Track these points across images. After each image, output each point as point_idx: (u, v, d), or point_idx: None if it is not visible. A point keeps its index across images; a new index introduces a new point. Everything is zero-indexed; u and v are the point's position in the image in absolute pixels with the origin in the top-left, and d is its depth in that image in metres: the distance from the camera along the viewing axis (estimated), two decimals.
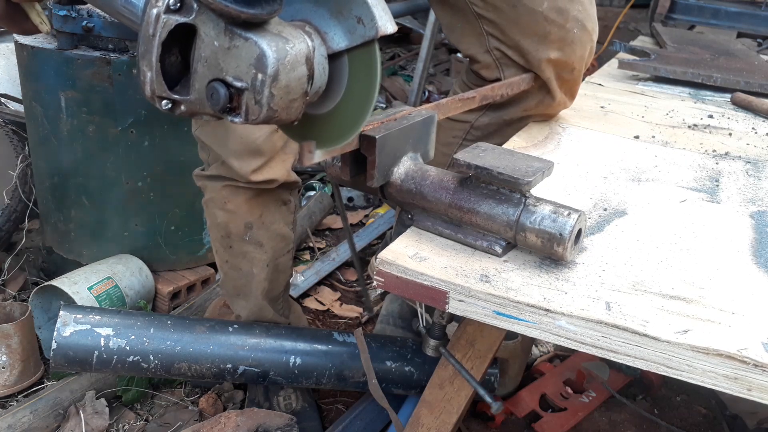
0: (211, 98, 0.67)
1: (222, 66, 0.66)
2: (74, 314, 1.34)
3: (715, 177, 1.20)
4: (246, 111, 0.66)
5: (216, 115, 0.69)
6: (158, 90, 0.67)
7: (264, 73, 0.64)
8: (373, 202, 2.77)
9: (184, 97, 0.68)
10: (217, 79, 0.66)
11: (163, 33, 0.64)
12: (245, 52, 0.64)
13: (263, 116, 0.66)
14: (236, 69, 0.65)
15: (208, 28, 0.65)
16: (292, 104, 0.68)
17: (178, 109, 0.69)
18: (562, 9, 1.19)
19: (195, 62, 0.67)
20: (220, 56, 0.65)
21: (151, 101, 0.68)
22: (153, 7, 0.63)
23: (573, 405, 1.63)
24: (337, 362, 1.43)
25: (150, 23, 0.64)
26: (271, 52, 0.64)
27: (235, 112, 0.67)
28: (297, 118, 0.70)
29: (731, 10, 2.98)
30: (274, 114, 0.66)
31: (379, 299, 2.10)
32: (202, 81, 0.67)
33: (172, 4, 0.63)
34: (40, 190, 1.99)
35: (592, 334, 0.73)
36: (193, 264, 2.03)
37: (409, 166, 0.88)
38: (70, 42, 1.72)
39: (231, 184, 1.38)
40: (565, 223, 0.77)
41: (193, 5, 0.64)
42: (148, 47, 0.64)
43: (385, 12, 0.69)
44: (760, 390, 0.67)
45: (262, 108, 0.65)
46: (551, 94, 1.28)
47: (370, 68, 0.72)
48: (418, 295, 0.81)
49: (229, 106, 0.66)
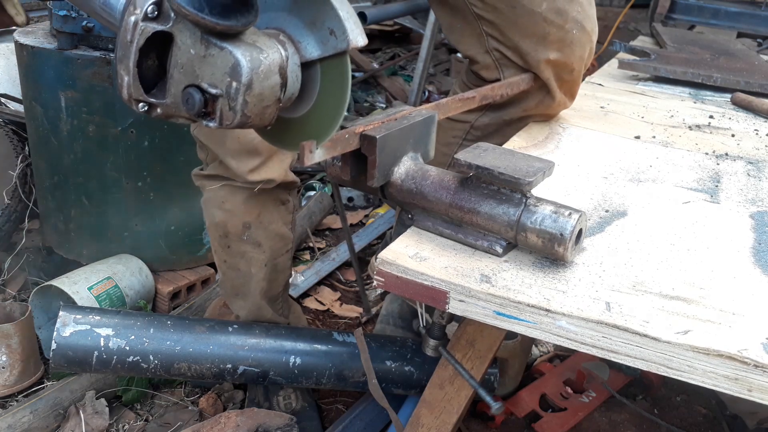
0: (186, 103, 0.69)
1: (197, 73, 0.68)
2: (74, 314, 1.33)
3: (716, 177, 1.20)
4: (220, 116, 0.68)
5: (191, 119, 0.71)
6: (135, 93, 0.69)
7: (238, 82, 0.66)
8: (373, 202, 2.77)
9: (160, 100, 0.70)
10: (193, 85, 0.68)
11: (141, 40, 0.66)
12: (220, 60, 0.66)
13: (237, 122, 0.68)
14: (211, 76, 0.67)
15: (185, 37, 0.67)
16: (265, 111, 0.70)
17: (154, 112, 0.71)
18: (561, 10, 1.19)
19: (171, 68, 0.69)
20: (195, 63, 0.67)
21: (128, 104, 0.70)
22: (131, 15, 0.65)
23: (573, 405, 1.63)
24: (337, 362, 1.43)
25: (128, 30, 0.66)
26: (245, 61, 0.66)
27: (210, 117, 0.69)
28: (270, 123, 0.73)
29: (731, 10, 2.98)
30: (248, 120, 0.68)
31: (379, 299, 2.10)
32: (178, 86, 0.69)
33: (150, 12, 0.65)
34: (40, 190, 1.99)
35: (592, 334, 0.73)
36: (193, 264, 2.03)
37: (409, 165, 0.88)
38: (70, 42, 1.72)
39: (229, 184, 1.38)
40: (565, 224, 0.77)
41: (171, 14, 0.66)
42: (126, 53, 0.66)
43: (356, 26, 0.71)
44: (760, 390, 0.67)
45: (236, 114, 0.67)
46: (551, 94, 1.28)
47: (341, 78, 0.73)
48: (418, 295, 0.81)
49: (204, 110, 0.68)
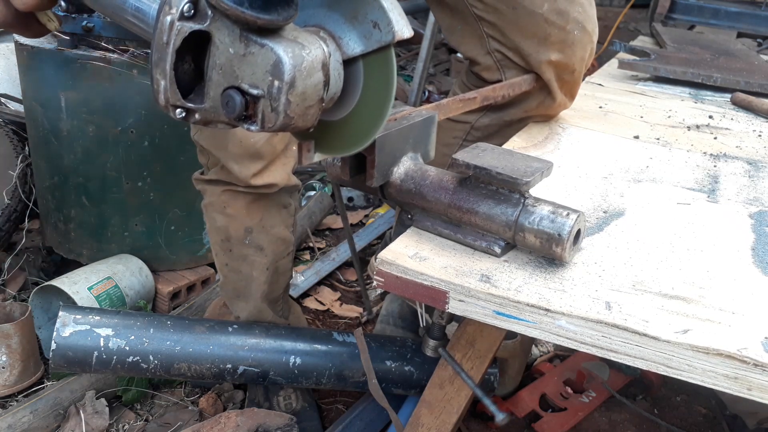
0: (226, 106, 0.65)
1: (237, 73, 0.64)
2: (74, 315, 1.33)
3: (715, 177, 1.20)
4: (262, 118, 0.65)
5: (231, 123, 0.67)
6: (172, 99, 0.65)
7: (281, 80, 0.63)
8: (373, 202, 2.77)
9: (198, 105, 0.67)
10: (233, 86, 0.65)
11: (177, 40, 0.62)
12: (261, 58, 0.63)
13: (279, 123, 0.65)
14: (252, 76, 0.64)
15: (223, 35, 0.64)
16: (308, 111, 0.67)
17: (193, 118, 0.68)
18: (562, 11, 1.19)
19: (209, 70, 0.65)
20: (235, 63, 0.64)
21: (165, 110, 0.66)
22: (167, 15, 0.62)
23: (573, 405, 1.63)
24: (337, 362, 1.43)
25: (164, 31, 0.62)
26: (287, 58, 0.62)
27: (251, 120, 0.65)
28: (313, 125, 0.69)
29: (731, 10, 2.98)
30: (291, 121, 0.65)
31: (379, 299, 2.10)
32: (217, 89, 0.66)
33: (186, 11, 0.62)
34: (40, 190, 1.99)
35: (592, 333, 0.73)
36: (193, 264, 2.03)
37: (408, 166, 0.88)
38: (70, 42, 1.72)
39: (230, 189, 1.37)
40: (563, 224, 0.77)
41: (208, 12, 0.63)
42: (162, 55, 0.63)
43: (401, 16, 0.68)
44: (760, 389, 0.67)
45: (279, 115, 0.64)
46: (552, 95, 1.28)
47: (386, 73, 0.70)
48: (418, 295, 0.81)
49: (244, 114, 0.65)
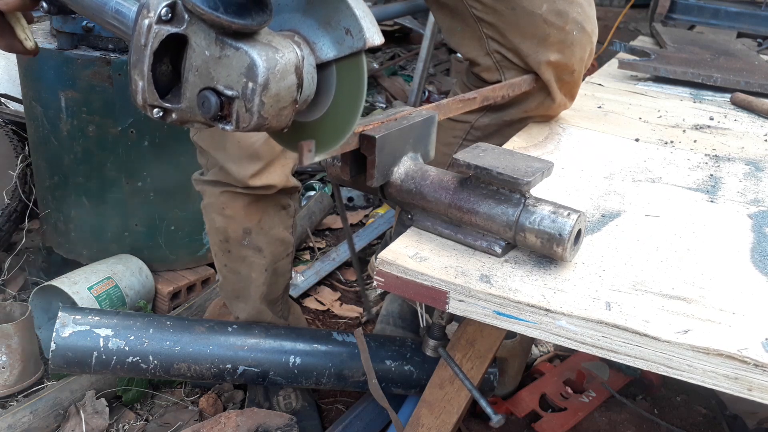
0: (202, 106, 0.68)
1: (213, 75, 0.67)
2: (73, 315, 1.33)
3: (715, 177, 1.20)
4: (237, 119, 0.67)
5: (207, 123, 0.70)
6: (150, 99, 0.68)
7: (255, 82, 0.65)
8: (373, 202, 2.77)
9: (175, 105, 0.69)
10: (208, 87, 0.67)
11: (155, 43, 0.65)
12: (236, 61, 0.65)
13: (254, 124, 0.67)
14: (227, 78, 0.66)
15: (199, 38, 0.66)
16: (282, 112, 0.69)
17: (170, 117, 0.70)
18: (561, 11, 1.19)
19: (186, 71, 0.68)
20: (211, 65, 0.67)
21: (143, 110, 0.69)
22: (145, 18, 0.64)
23: (573, 405, 1.63)
24: (336, 362, 1.43)
25: (142, 33, 0.65)
26: (261, 61, 0.65)
27: (226, 120, 0.68)
28: (287, 125, 0.72)
29: (731, 10, 2.98)
30: (265, 122, 0.68)
31: (379, 299, 2.10)
32: (193, 90, 0.68)
33: (164, 14, 0.64)
34: (40, 190, 1.99)
35: (592, 334, 0.73)
36: (193, 264, 2.03)
37: (409, 166, 0.88)
38: (70, 42, 1.72)
39: (229, 190, 1.37)
40: (564, 224, 0.77)
41: (185, 16, 0.65)
42: (140, 57, 0.66)
43: (372, 24, 0.70)
44: (760, 390, 0.67)
45: (253, 116, 0.66)
46: (551, 96, 1.28)
47: (357, 78, 0.73)
48: (418, 295, 0.81)
49: (219, 114, 0.68)
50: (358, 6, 0.70)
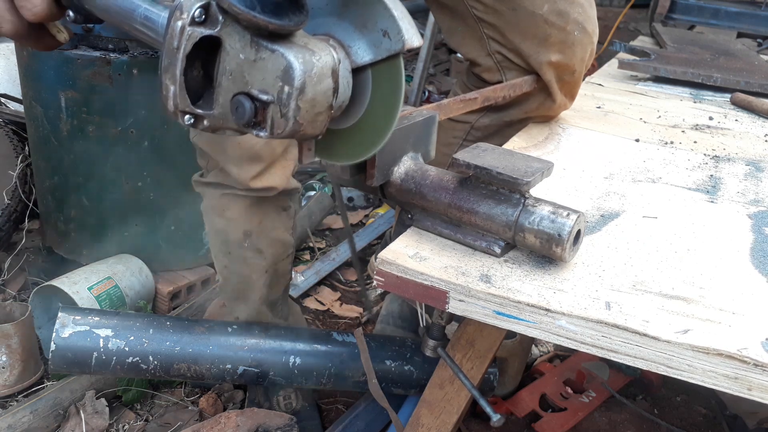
0: (236, 112, 0.65)
1: (247, 79, 0.64)
2: (73, 315, 1.33)
3: (715, 177, 1.20)
4: (271, 125, 0.64)
5: (240, 130, 0.67)
6: (182, 105, 0.65)
7: (291, 86, 0.62)
8: (373, 202, 2.77)
9: (207, 111, 0.67)
10: (242, 92, 0.64)
11: (188, 46, 0.62)
12: (272, 64, 0.63)
13: (289, 130, 0.64)
14: (262, 82, 0.63)
15: (234, 41, 0.64)
16: (318, 117, 0.66)
17: (201, 124, 0.68)
18: (562, 12, 1.19)
19: (219, 76, 0.65)
20: (245, 69, 0.64)
21: (173, 116, 0.66)
22: (177, 20, 0.62)
23: (573, 405, 1.63)
24: (336, 362, 1.43)
25: (174, 36, 0.62)
26: (298, 64, 0.62)
27: (260, 126, 0.65)
28: (322, 132, 0.69)
29: (731, 10, 2.98)
30: (300, 128, 0.65)
31: (379, 299, 2.10)
32: (226, 95, 0.65)
33: (197, 16, 0.62)
34: (40, 190, 1.99)
35: (592, 333, 0.73)
36: (193, 264, 2.03)
37: (409, 165, 0.88)
38: (70, 42, 1.72)
39: (230, 192, 1.36)
40: (563, 224, 0.77)
41: (219, 17, 0.63)
42: (172, 60, 0.63)
43: (411, 25, 0.68)
44: (760, 390, 0.67)
45: (288, 121, 0.64)
46: (552, 96, 1.28)
47: (394, 82, 0.70)
48: (418, 295, 0.81)
49: (254, 120, 0.65)
50: (396, 7, 0.67)
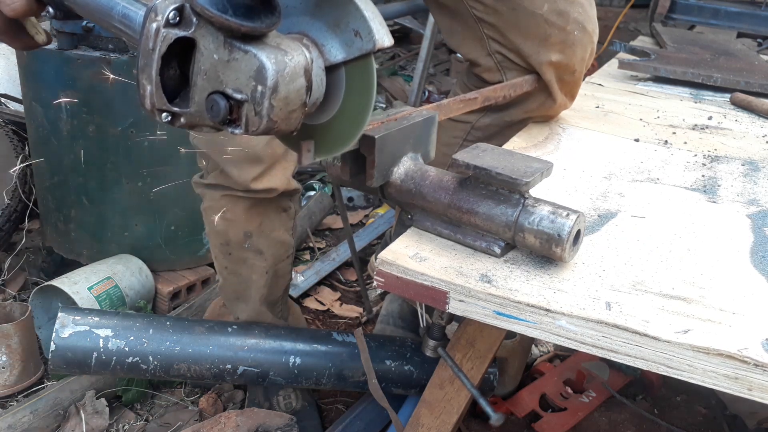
0: (211, 110, 0.67)
1: (222, 78, 0.66)
2: (73, 316, 1.33)
3: (715, 177, 1.20)
4: (246, 122, 0.67)
5: (216, 127, 0.69)
6: (158, 103, 0.67)
7: (264, 85, 0.65)
8: (373, 202, 2.77)
9: (183, 109, 0.69)
10: (217, 91, 0.67)
11: (163, 47, 0.65)
12: (245, 64, 0.65)
13: (263, 127, 0.67)
14: (236, 81, 0.66)
15: (208, 42, 0.66)
16: (291, 115, 0.69)
17: (178, 122, 0.70)
18: (562, 11, 1.19)
19: (194, 75, 0.68)
20: (219, 69, 0.66)
21: (150, 114, 0.68)
22: (152, 22, 0.64)
23: (573, 405, 1.63)
24: (336, 362, 1.43)
25: (150, 37, 0.64)
26: (270, 64, 0.64)
27: (235, 124, 0.68)
28: (296, 128, 0.71)
29: (731, 10, 2.98)
30: (274, 125, 0.67)
31: (379, 299, 2.10)
32: (201, 93, 0.68)
33: (171, 18, 0.64)
34: (40, 190, 1.99)
35: (592, 334, 0.73)
36: (193, 264, 2.03)
37: (409, 166, 0.88)
38: (70, 42, 1.72)
39: (230, 194, 1.36)
40: (563, 224, 0.77)
41: (193, 19, 0.65)
42: (148, 61, 0.65)
43: (382, 26, 0.70)
44: (760, 390, 0.67)
45: (262, 119, 0.66)
46: (552, 96, 1.28)
47: (367, 80, 0.73)
48: (418, 296, 0.81)
49: (229, 117, 0.67)
50: (368, 8, 0.70)
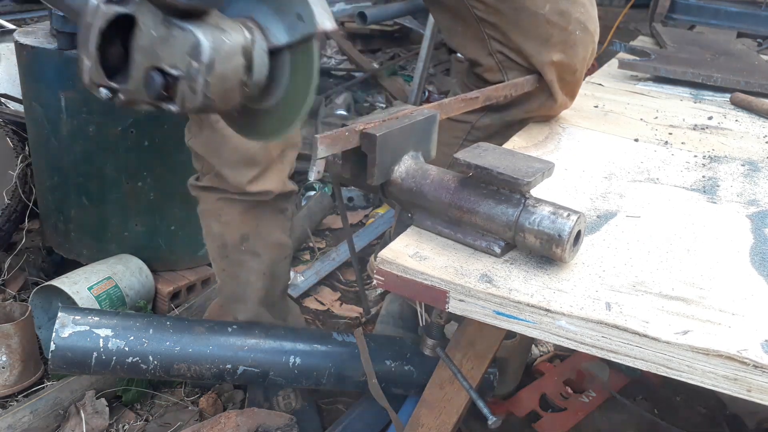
0: (147, 86, 0.69)
1: (159, 54, 0.68)
2: (73, 315, 1.33)
3: (715, 178, 1.20)
4: (182, 99, 0.68)
5: (153, 104, 0.71)
6: (96, 78, 0.69)
7: (199, 62, 0.66)
8: (373, 202, 2.77)
9: (122, 85, 0.70)
10: (154, 67, 0.68)
11: (102, 22, 0.66)
12: (181, 41, 0.67)
13: (198, 104, 0.68)
14: (172, 57, 0.67)
15: (147, 19, 0.67)
16: (228, 93, 0.70)
17: (117, 98, 0.71)
18: (563, 11, 1.18)
19: (133, 51, 0.69)
20: (157, 46, 0.68)
21: (90, 89, 0.70)
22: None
23: (573, 405, 1.63)
24: (336, 362, 1.43)
25: (89, 12, 0.66)
26: (206, 41, 0.66)
27: (171, 100, 0.69)
28: (234, 106, 0.73)
29: (731, 10, 2.98)
30: (210, 102, 0.69)
31: (379, 299, 2.10)
32: (138, 69, 0.69)
33: None
34: (40, 190, 1.99)
35: (592, 334, 0.73)
36: (193, 264, 2.02)
37: (409, 164, 0.88)
38: (70, 42, 1.72)
39: (226, 197, 1.35)
40: (564, 225, 0.77)
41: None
42: (87, 36, 0.67)
43: (324, 10, 0.71)
44: (759, 391, 0.67)
45: (197, 95, 0.68)
46: (553, 96, 1.28)
47: (309, 64, 0.74)
48: (418, 295, 0.81)
49: (164, 93, 0.69)
50: None
